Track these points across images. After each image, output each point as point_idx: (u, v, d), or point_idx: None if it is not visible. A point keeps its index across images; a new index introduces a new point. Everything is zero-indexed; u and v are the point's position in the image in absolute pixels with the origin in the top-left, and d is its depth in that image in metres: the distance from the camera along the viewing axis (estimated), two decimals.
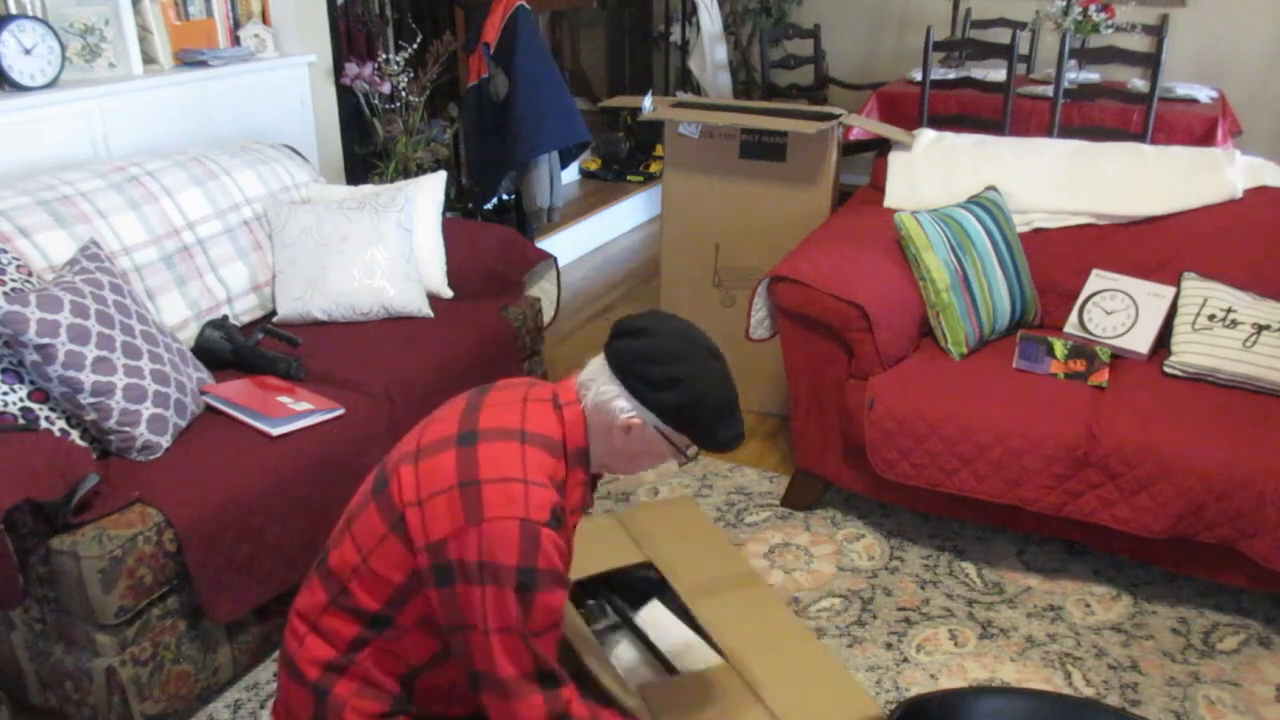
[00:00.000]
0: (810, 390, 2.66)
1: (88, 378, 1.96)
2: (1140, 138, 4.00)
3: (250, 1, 3.36)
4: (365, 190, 2.92)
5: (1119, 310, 2.69)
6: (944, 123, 4.15)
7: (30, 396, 1.97)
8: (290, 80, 3.44)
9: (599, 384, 1.47)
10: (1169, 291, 2.65)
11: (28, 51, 2.64)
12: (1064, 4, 4.33)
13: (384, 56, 3.75)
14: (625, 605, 2.07)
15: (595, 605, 2.07)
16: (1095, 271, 2.77)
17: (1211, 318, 2.51)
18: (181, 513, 1.90)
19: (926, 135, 3.11)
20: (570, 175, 5.63)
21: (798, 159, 3.11)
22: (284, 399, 2.28)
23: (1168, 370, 2.53)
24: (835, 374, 2.59)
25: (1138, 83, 4.46)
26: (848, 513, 2.80)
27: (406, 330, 2.68)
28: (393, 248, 2.74)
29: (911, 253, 2.65)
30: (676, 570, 2.10)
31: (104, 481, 1.93)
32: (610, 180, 5.62)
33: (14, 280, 2.06)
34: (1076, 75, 4.56)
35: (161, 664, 1.94)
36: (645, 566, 2.13)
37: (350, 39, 3.88)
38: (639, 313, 1.51)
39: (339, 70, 3.63)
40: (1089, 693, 2.15)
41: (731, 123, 3.10)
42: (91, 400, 1.97)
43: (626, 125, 5.87)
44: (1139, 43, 4.95)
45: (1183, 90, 4.47)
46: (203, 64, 3.11)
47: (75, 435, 2.01)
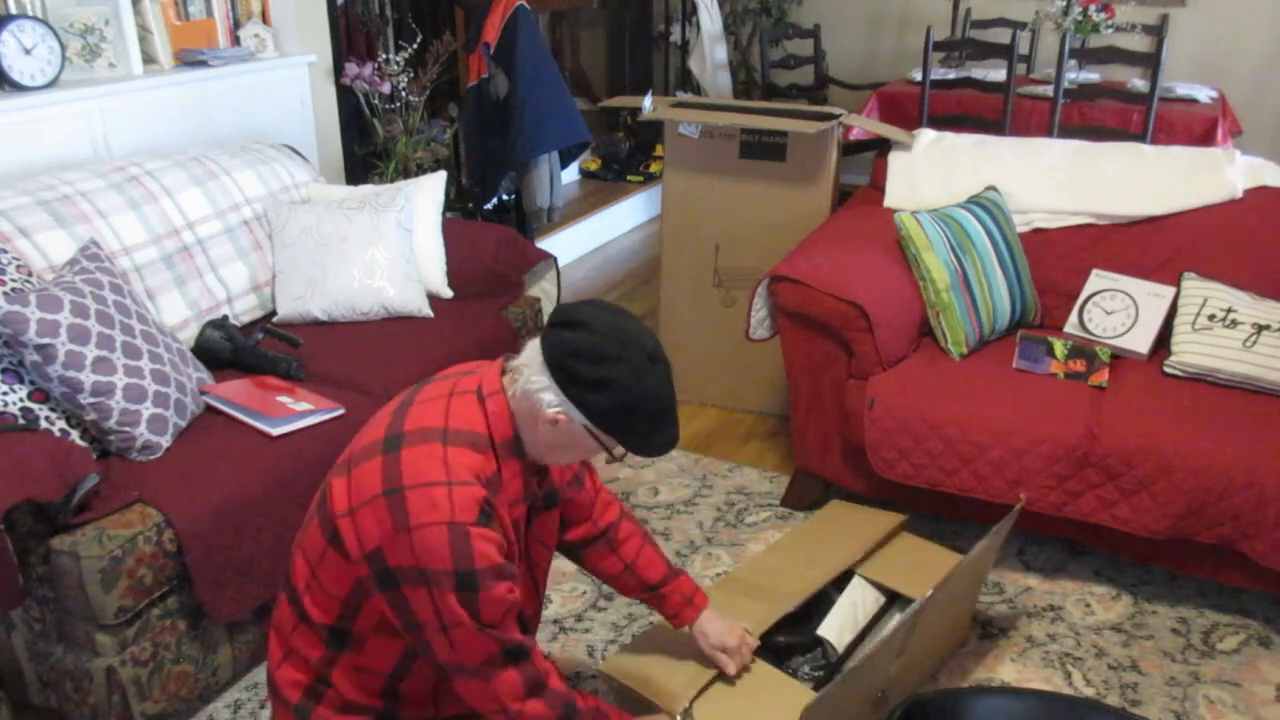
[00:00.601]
0: (810, 390, 2.66)
1: (88, 378, 1.96)
2: (1140, 138, 4.00)
3: (250, 1, 3.36)
4: (365, 190, 2.92)
5: (1119, 310, 2.69)
6: (944, 123, 4.15)
7: (30, 396, 1.97)
8: (290, 80, 3.44)
9: (530, 372, 1.42)
10: (1169, 291, 2.65)
11: (28, 51, 2.64)
12: (1064, 4, 4.33)
13: (384, 56, 3.75)
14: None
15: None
16: (1095, 271, 2.77)
17: (1211, 318, 2.51)
18: (181, 513, 1.90)
19: (926, 135, 3.11)
20: (570, 175, 5.63)
21: (798, 159, 3.11)
22: (284, 399, 2.28)
23: (1168, 370, 2.53)
24: (835, 374, 2.59)
25: (1138, 83, 4.46)
26: None
27: (406, 330, 2.68)
28: (393, 248, 2.74)
29: (911, 253, 2.65)
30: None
31: (104, 481, 1.93)
32: (610, 180, 5.62)
33: (14, 280, 2.06)
34: (1076, 75, 4.56)
35: (161, 664, 1.94)
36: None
37: (350, 39, 3.88)
38: (580, 301, 1.45)
39: (339, 70, 3.63)
40: (1089, 693, 2.15)
41: (731, 123, 3.10)
42: (91, 400, 1.97)
43: (626, 125, 5.87)
44: (1139, 43, 4.95)
45: (1183, 90, 4.47)
46: (203, 64, 3.11)
47: (75, 435, 2.01)
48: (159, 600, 1.92)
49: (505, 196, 4.40)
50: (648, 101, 3.26)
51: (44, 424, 1.97)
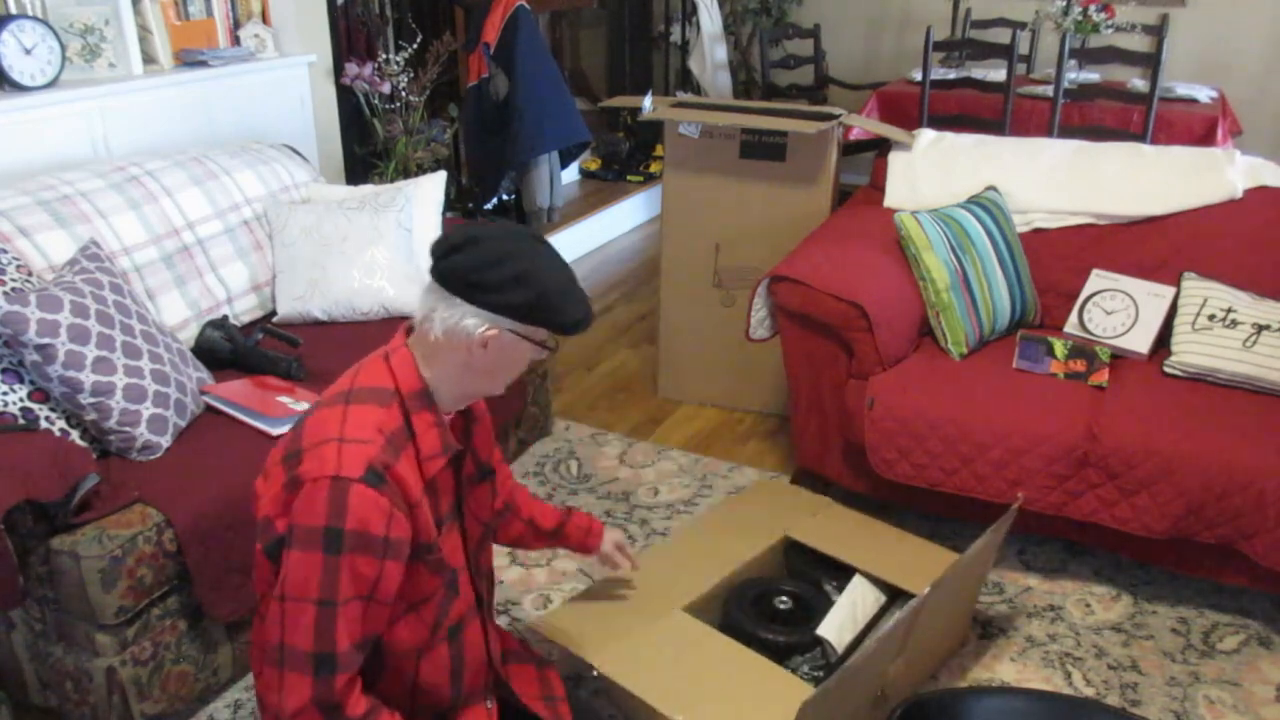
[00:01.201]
0: (810, 390, 2.66)
1: (88, 378, 1.96)
2: (1140, 138, 4.00)
3: (250, 1, 3.36)
4: (365, 190, 2.92)
5: (1119, 310, 2.69)
6: (944, 123, 4.15)
7: (30, 396, 1.97)
8: (290, 80, 3.44)
9: (440, 311, 1.39)
10: (1169, 291, 2.65)
11: (28, 51, 2.64)
12: (1064, 4, 4.33)
13: (384, 56, 3.75)
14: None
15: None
16: (1095, 271, 2.77)
17: (1211, 318, 2.51)
18: (181, 513, 1.90)
19: (926, 135, 3.11)
20: (570, 175, 5.63)
21: (798, 159, 3.11)
22: (284, 399, 2.28)
23: (1168, 370, 2.53)
24: (835, 374, 2.59)
25: (1138, 83, 4.46)
26: None
27: None
28: (393, 248, 2.74)
29: (911, 253, 2.65)
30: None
31: (104, 481, 1.93)
32: (610, 180, 5.62)
33: (14, 280, 2.06)
34: (1076, 75, 4.56)
35: (161, 664, 1.94)
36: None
37: (350, 39, 3.88)
38: (450, 229, 1.43)
39: (339, 70, 3.63)
40: (1089, 693, 2.15)
41: (731, 123, 3.10)
42: (91, 400, 1.97)
43: (626, 125, 5.87)
44: (1139, 43, 4.94)
45: (1183, 90, 4.47)
46: (203, 64, 3.11)
47: (75, 435, 2.01)
48: (159, 600, 1.92)
49: (505, 196, 4.40)
50: (648, 101, 3.26)
51: (44, 424, 1.97)
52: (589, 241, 5.06)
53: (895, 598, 2.22)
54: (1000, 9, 5.40)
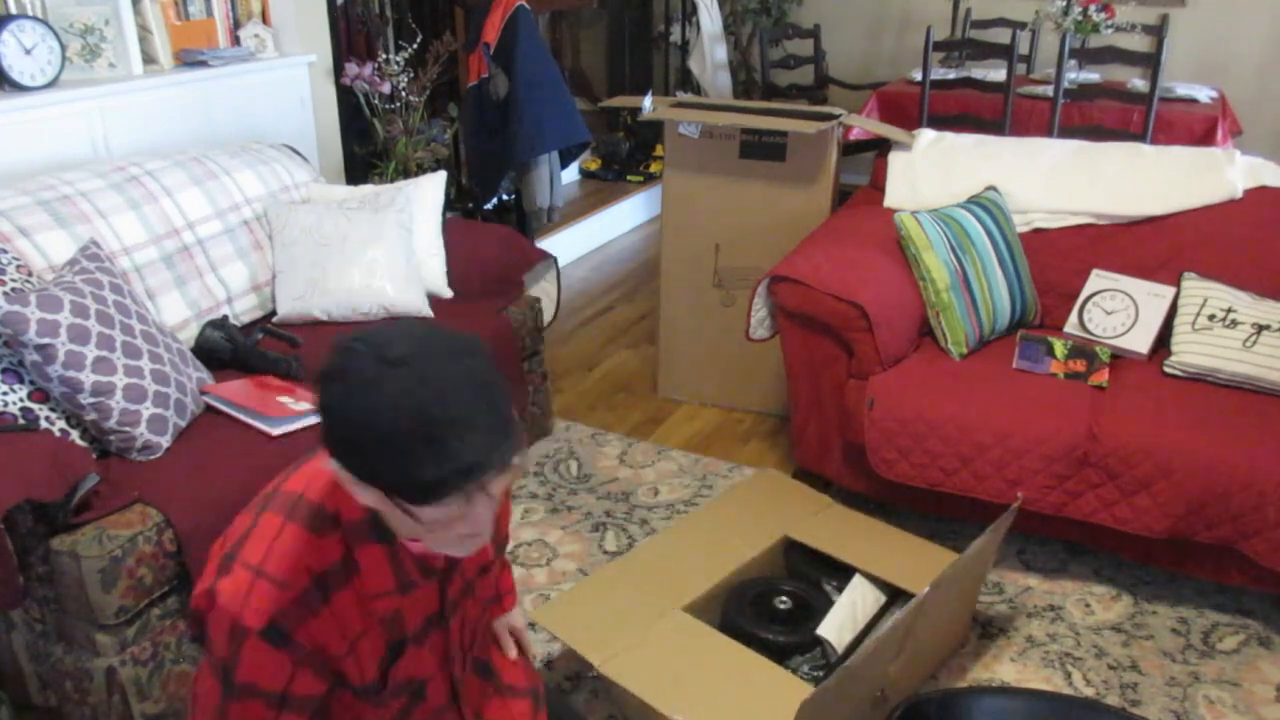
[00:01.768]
0: (810, 390, 2.66)
1: (88, 378, 1.96)
2: (1140, 138, 4.00)
3: (250, 1, 3.36)
4: (365, 190, 2.92)
5: (1119, 310, 2.69)
6: (944, 123, 4.14)
7: (30, 396, 1.97)
8: (290, 80, 3.44)
9: None
10: (1169, 291, 2.65)
11: (28, 51, 2.64)
12: (1064, 4, 4.33)
13: (384, 56, 3.75)
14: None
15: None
16: (1095, 271, 2.77)
17: (1211, 318, 2.51)
18: (181, 513, 1.90)
19: (926, 135, 3.11)
20: (570, 175, 5.63)
21: (798, 159, 3.11)
22: (284, 399, 2.28)
23: (1168, 370, 2.53)
24: (835, 374, 2.59)
25: (1138, 83, 4.46)
26: None
27: None
28: (393, 248, 2.74)
29: (911, 253, 2.65)
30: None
31: (104, 481, 1.93)
32: (610, 180, 5.62)
33: (14, 280, 2.06)
34: (1076, 75, 4.56)
35: (161, 664, 1.94)
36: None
37: (350, 39, 3.88)
38: (335, 342, 1.06)
39: (339, 70, 3.63)
40: (1089, 693, 2.15)
41: (731, 123, 3.10)
42: (91, 400, 1.97)
43: (626, 125, 5.87)
44: (1139, 43, 4.94)
45: (1183, 90, 4.47)
46: (203, 64, 3.11)
47: (75, 435, 2.01)
48: (159, 600, 1.92)
49: (505, 196, 4.40)
50: (648, 101, 3.26)
51: (44, 424, 1.97)
52: (589, 241, 5.06)
53: (895, 598, 2.22)
54: (1000, 9, 5.40)
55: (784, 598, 2.19)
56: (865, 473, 2.58)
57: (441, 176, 3.00)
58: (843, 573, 2.24)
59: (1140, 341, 2.63)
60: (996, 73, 4.63)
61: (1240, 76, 5.13)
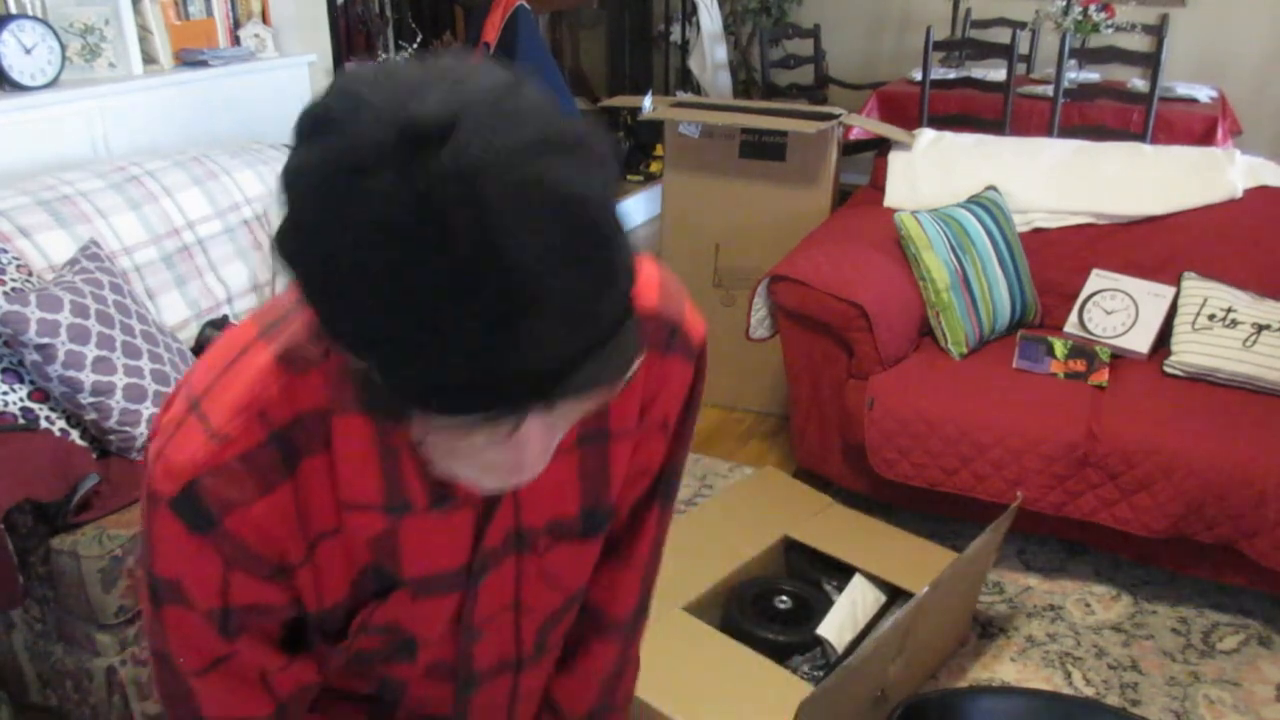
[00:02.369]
0: (810, 390, 2.66)
1: (88, 377, 1.96)
2: (1140, 138, 4.00)
3: (250, 1, 3.36)
4: None
5: (1119, 310, 2.69)
6: (944, 123, 4.14)
7: (30, 396, 1.97)
8: (290, 80, 3.44)
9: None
10: (1169, 291, 2.65)
11: (28, 51, 2.64)
12: (1064, 4, 4.33)
13: (384, 56, 3.74)
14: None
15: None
16: (1095, 271, 2.77)
17: (1211, 317, 2.51)
18: None
19: (926, 135, 3.11)
20: None
21: (798, 159, 3.10)
22: None
23: (1168, 370, 2.53)
24: (835, 374, 2.59)
25: (1138, 83, 4.46)
26: None
27: None
28: None
29: (911, 252, 2.65)
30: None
31: (104, 481, 1.93)
32: None
33: (14, 280, 2.06)
34: (1076, 75, 4.55)
35: None
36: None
37: (350, 39, 3.88)
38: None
39: (339, 70, 3.63)
40: (1089, 693, 2.15)
41: (731, 123, 3.10)
42: (92, 400, 1.97)
43: (626, 125, 5.86)
44: (1139, 43, 4.94)
45: (1183, 90, 4.47)
46: (203, 64, 3.11)
47: (75, 435, 2.01)
48: None
49: None
50: (648, 101, 3.26)
51: (44, 424, 1.97)
52: None
53: (895, 598, 2.22)
54: (1000, 9, 5.40)
55: (784, 598, 2.19)
56: (865, 473, 2.58)
57: None
58: (843, 573, 2.24)
59: (1140, 341, 2.63)
60: (996, 73, 4.62)
61: (1240, 76, 5.13)
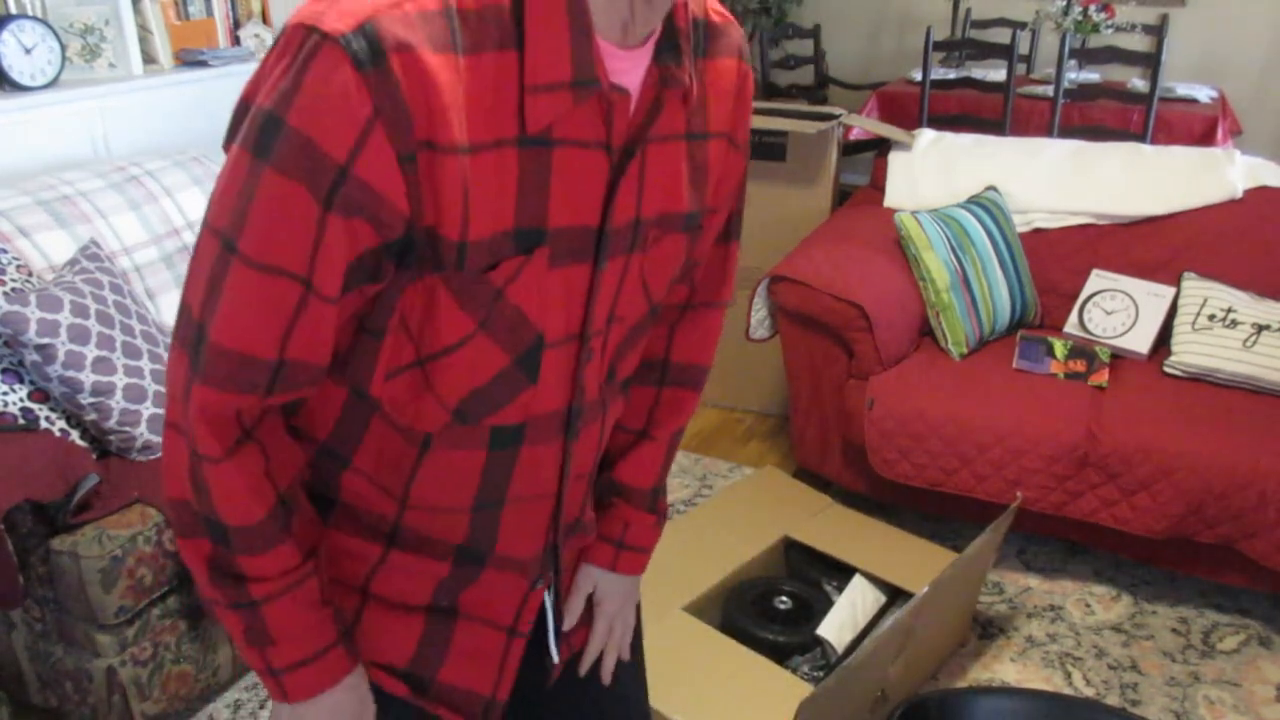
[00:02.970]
0: (810, 390, 2.66)
1: (88, 378, 1.96)
2: (1140, 138, 4.00)
3: (250, 1, 3.36)
4: None
5: (1119, 310, 2.69)
6: (944, 123, 4.15)
7: (30, 396, 1.97)
8: None
9: None
10: (1169, 291, 2.65)
11: (28, 51, 2.64)
12: (1064, 4, 4.34)
13: None
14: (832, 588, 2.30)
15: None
16: (1095, 271, 2.77)
17: (1211, 318, 2.52)
18: None
19: (926, 135, 3.11)
20: None
21: (798, 159, 3.10)
22: None
23: (1168, 370, 2.53)
24: (835, 374, 2.59)
25: (1138, 83, 4.46)
26: None
27: None
28: None
29: (911, 253, 2.65)
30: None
31: (104, 481, 1.93)
32: None
33: (14, 280, 2.06)
34: (1076, 75, 4.56)
35: (161, 664, 1.94)
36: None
37: None
38: None
39: None
40: (1089, 693, 2.15)
41: None
42: (92, 400, 1.97)
43: None
44: (1139, 43, 4.95)
45: (1183, 90, 4.47)
46: (203, 64, 3.11)
47: (75, 435, 2.01)
48: (159, 600, 1.92)
49: None
50: None
51: (44, 424, 1.97)
52: None
53: (895, 598, 2.22)
54: (1000, 9, 5.40)
55: (784, 598, 2.19)
56: (865, 473, 2.58)
57: None
58: (843, 573, 2.24)
59: (1140, 341, 2.63)
60: (996, 73, 4.63)
61: (1240, 76, 5.14)
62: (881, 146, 3.20)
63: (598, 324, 0.86)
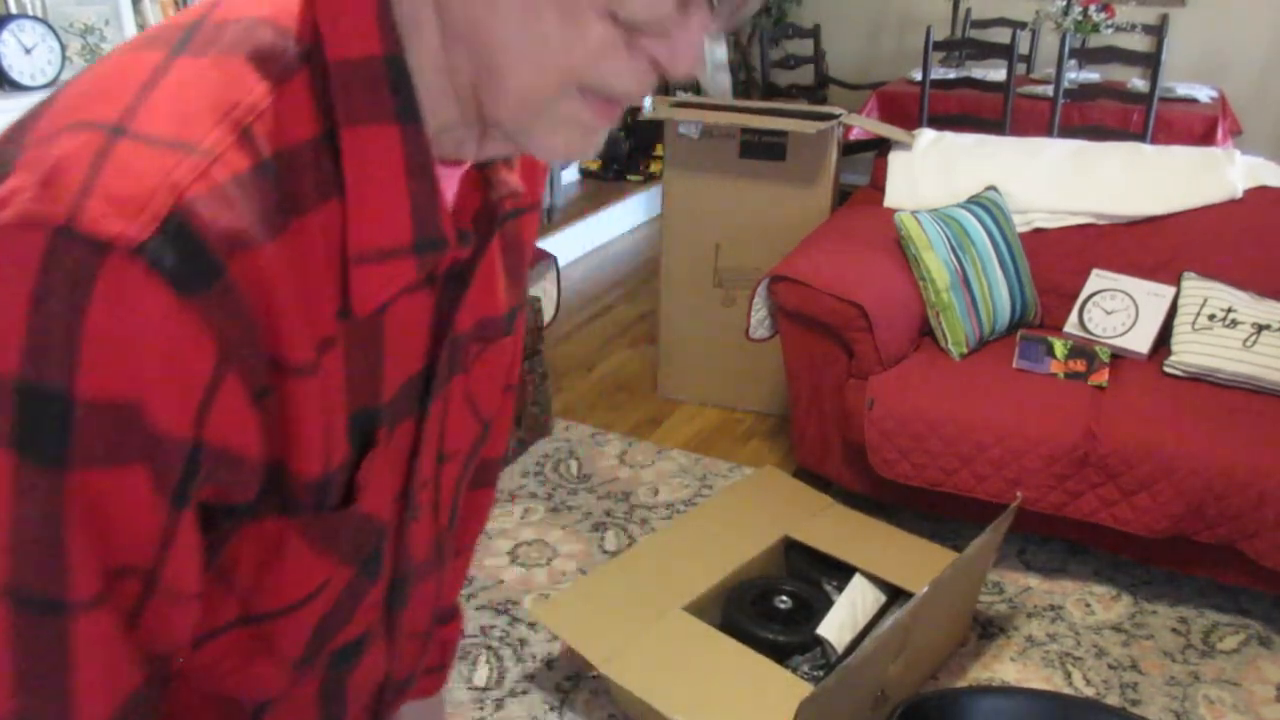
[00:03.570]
0: (810, 390, 2.66)
1: None
2: (1140, 138, 4.00)
3: None
4: None
5: (1119, 310, 2.69)
6: (944, 123, 4.14)
7: None
8: None
9: None
10: (1169, 291, 2.65)
11: (28, 51, 2.64)
12: (1064, 4, 4.33)
13: None
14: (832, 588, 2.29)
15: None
16: (1095, 271, 2.77)
17: (1211, 317, 2.52)
18: None
19: (926, 135, 3.11)
20: (570, 175, 5.63)
21: (798, 159, 3.10)
22: None
23: (1168, 370, 2.53)
24: (835, 374, 2.59)
25: (1138, 83, 4.46)
26: None
27: None
28: None
29: (911, 253, 2.65)
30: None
31: None
32: (610, 180, 5.62)
33: None
34: (1076, 75, 4.56)
35: None
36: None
37: None
38: None
39: None
40: (1089, 693, 2.15)
41: (731, 122, 3.10)
42: None
43: (626, 125, 5.86)
44: (1139, 43, 4.95)
45: (1183, 90, 4.47)
46: None
47: None
48: None
49: None
50: (648, 101, 3.26)
51: None
52: (589, 241, 5.06)
53: (895, 598, 2.22)
54: (1000, 9, 5.40)
55: (784, 598, 2.19)
56: (865, 473, 2.58)
57: None
58: (843, 573, 2.24)
59: (1140, 341, 2.63)
60: (996, 73, 4.63)
61: (1240, 76, 5.13)
62: (881, 146, 3.20)
63: (424, 474, 0.68)
